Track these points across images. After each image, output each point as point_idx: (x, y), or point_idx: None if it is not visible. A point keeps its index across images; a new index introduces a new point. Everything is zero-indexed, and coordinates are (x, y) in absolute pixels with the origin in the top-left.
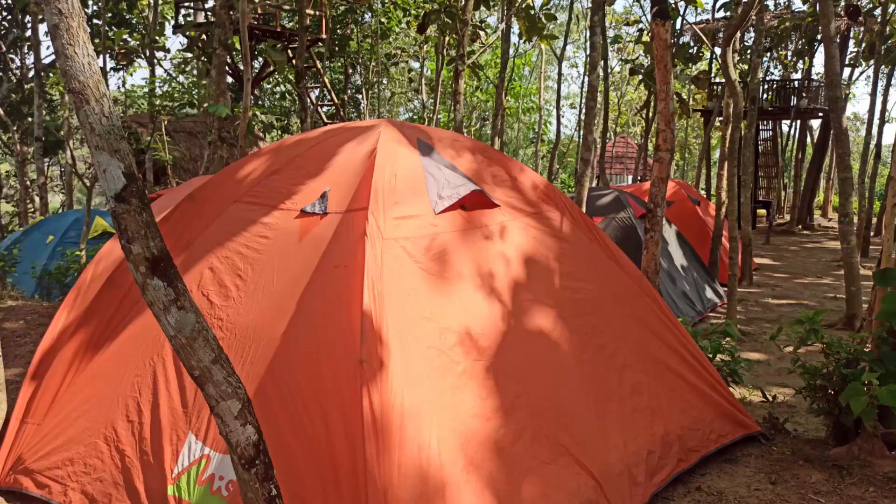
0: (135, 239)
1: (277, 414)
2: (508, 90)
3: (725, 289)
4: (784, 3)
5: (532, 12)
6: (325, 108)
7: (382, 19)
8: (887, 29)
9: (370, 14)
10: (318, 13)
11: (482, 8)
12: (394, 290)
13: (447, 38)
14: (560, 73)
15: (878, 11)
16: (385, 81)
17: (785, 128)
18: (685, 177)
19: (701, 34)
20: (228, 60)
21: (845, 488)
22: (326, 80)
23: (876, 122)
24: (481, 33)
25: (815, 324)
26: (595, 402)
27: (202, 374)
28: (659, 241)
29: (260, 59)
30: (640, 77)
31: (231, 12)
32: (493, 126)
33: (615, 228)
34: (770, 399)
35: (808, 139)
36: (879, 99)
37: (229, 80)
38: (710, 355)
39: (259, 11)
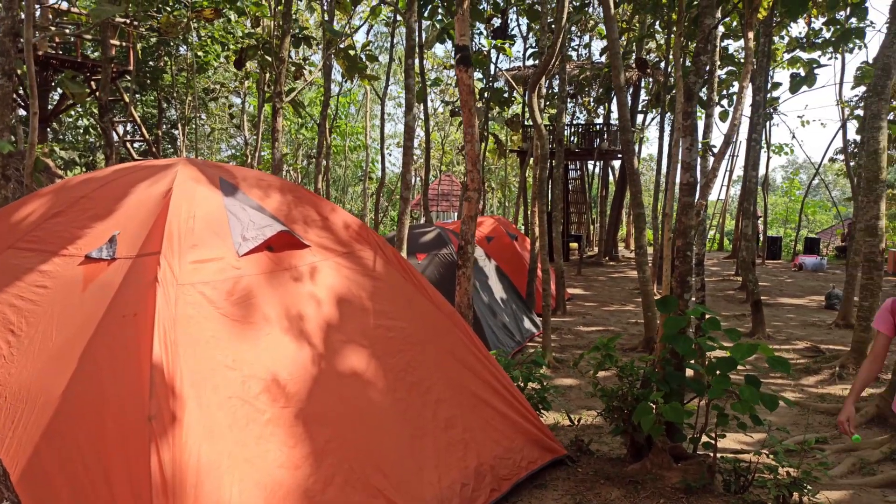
0: None
1: (55, 481)
2: (334, 128)
3: (542, 318)
4: (585, 54)
5: (352, 52)
6: (136, 144)
7: (199, 52)
8: (671, 80)
9: (186, 46)
10: (124, 44)
11: (303, 45)
12: (190, 338)
13: (268, 75)
14: (384, 112)
15: (663, 65)
16: (204, 117)
17: (592, 167)
18: (506, 213)
19: (511, 80)
20: (21, 91)
21: (640, 501)
22: (136, 115)
23: (665, 162)
24: (305, 71)
25: (610, 349)
26: (410, 439)
27: None
28: (471, 276)
29: (59, 90)
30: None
31: (18, 39)
32: (316, 164)
33: (438, 265)
34: (575, 423)
35: (611, 177)
36: (666, 142)
37: (22, 112)
38: (522, 384)
39: (57, 40)
